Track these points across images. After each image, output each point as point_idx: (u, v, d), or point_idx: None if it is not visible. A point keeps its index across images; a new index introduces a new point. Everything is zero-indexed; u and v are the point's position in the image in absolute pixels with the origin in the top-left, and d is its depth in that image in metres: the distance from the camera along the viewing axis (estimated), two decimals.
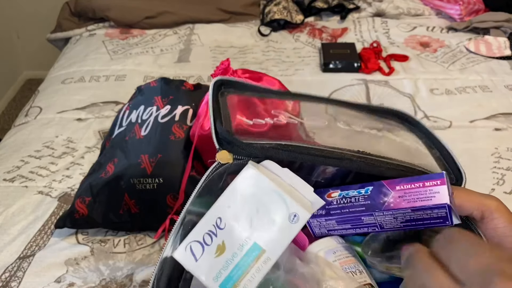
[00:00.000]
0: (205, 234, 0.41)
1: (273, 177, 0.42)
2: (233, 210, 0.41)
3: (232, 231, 0.41)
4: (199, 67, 1.37)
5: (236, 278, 0.40)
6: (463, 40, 1.47)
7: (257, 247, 0.40)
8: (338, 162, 0.44)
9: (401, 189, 0.43)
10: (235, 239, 0.41)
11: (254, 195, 0.41)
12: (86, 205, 0.80)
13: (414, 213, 0.42)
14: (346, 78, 1.30)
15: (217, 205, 0.42)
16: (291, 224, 0.40)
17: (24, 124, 1.16)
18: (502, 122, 1.11)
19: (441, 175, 0.42)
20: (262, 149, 0.43)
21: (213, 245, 0.41)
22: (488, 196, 0.43)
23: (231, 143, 0.43)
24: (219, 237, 0.41)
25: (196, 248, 0.41)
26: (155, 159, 0.79)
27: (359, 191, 0.45)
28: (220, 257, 0.41)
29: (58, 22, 1.70)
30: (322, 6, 1.66)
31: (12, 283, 0.74)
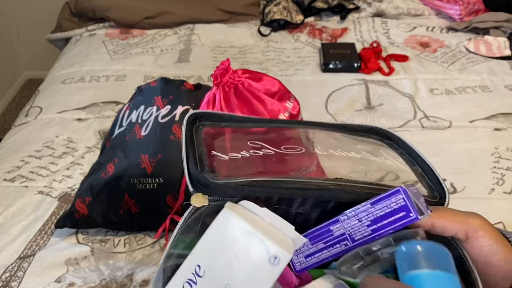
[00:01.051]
0: (185, 283, 0.40)
1: (251, 217, 0.40)
2: (211, 257, 0.40)
3: (212, 279, 0.39)
4: (199, 67, 1.37)
5: None
6: (463, 40, 1.47)
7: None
8: (316, 193, 0.43)
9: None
10: (215, 286, 0.39)
11: (232, 239, 0.39)
12: (86, 205, 0.80)
13: (374, 208, 0.41)
14: (346, 78, 1.30)
15: (195, 251, 0.40)
16: (272, 266, 0.38)
17: (24, 124, 1.16)
18: (502, 122, 1.11)
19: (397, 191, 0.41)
20: (237, 188, 0.42)
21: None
22: (472, 214, 0.42)
23: (205, 185, 0.42)
24: (199, 285, 0.39)
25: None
26: (155, 159, 0.79)
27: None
28: None
29: (58, 22, 1.71)
30: (322, 6, 1.66)
31: (13, 283, 0.75)
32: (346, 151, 0.52)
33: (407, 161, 0.51)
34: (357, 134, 0.55)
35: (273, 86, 0.80)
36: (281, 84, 0.81)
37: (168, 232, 0.80)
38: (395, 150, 0.53)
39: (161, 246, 0.80)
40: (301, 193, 0.44)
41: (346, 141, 0.55)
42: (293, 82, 1.28)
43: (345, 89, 1.25)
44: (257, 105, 0.75)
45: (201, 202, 0.42)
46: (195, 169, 0.43)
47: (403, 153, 0.52)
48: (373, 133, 0.55)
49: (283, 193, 0.43)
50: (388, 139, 0.55)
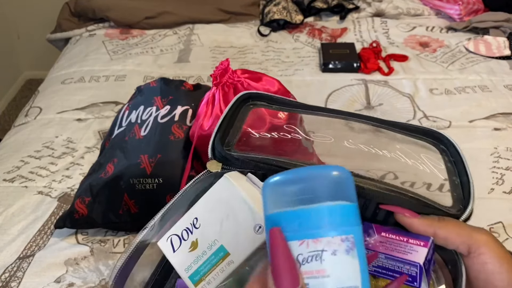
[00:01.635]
0: (183, 230, 0.47)
1: (249, 188, 0.45)
2: (207, 213, 0.46)
3: (204, 231, 0.45)
4: (199, 67, 1.37)
5: (203, 273, 0.45)
6: (463, 40, 1.47)
7: (223, 249, 0.44)
8: None
9: (385, 236, 0.43)
10: (206, 238, 0.45)
11: (227, 202, 0.44)
12: (86, 205, 0.80)
13: (387, 261, 0.42)
14: (345, 78, 1.30)
15: (196, 206, 0.46)
16: (256, 234, 0.43)
17: (24, 124, 1.16)
18: (501, 122, 1.11)
19: (427, 239, 0.41)
20: (245, 162, 0.47)
21: (188, 241, 0.46)
22: (479, 230, 0.41)
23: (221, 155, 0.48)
24: (194, 234, 0.46)
25: (175, 241, 0.47)
26: (155, 159, 0.79)
27: None
28: (193, 252, 0.46)
29: (58, 22, 1.71)
30: (321, 6, 1.66)
31: (12, 283, 0.75)
32: (377, 148, 0.51)
33: (449, 171, 0.50)
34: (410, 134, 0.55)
35: (272, 86, 0.80)
36: (280, 84, 0.81)
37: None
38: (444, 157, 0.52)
39: None
40: None
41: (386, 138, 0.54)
42: (292, 82, 1.28)
43: (345, 89, 1.25)
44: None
45: (214, 168, 0.49)
46: (218, 140, 0.49)
47: (450, 162, 0.51)
48: (429, 136, 0.55)
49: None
50: (444, 145, 0.54)
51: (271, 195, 0.34)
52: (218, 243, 0.45)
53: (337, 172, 0.33)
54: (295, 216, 0.32)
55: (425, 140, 0.55)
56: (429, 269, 0.41)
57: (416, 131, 0.55)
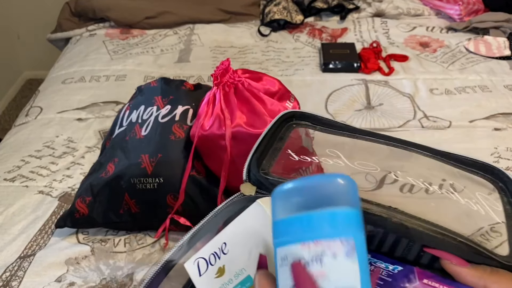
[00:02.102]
0: (211, 255, 0.45)
1: None
2: (237, 239, 0.44)
3: (233, 258, 0.43)
4: (199, 67, 1.37)
5: None
6: (463, 40, 1.47)
7: (250, 279, 0.42)
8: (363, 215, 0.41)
9: (427, 283, 0.39)
10: (234, 266, 0.43)
11: (258, 230, 0.42)
12: (87, 205, 0.80)
13: None
14: (345, 78, 1.30)
15: (225, 230, 0.45)
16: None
17: (25, 124, 1.16)
18: (501, 122, 1.11)
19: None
20: None
21: (215, 266, 0.44)
22: None
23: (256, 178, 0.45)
24: (221, 260, 0.44)
25: (202, 265, 0.45)
26: (155, 159, 0.80)
27: (387, 266, 0.41)
28: (219, 279, 0.44)
29: (58, 22, 1.71)
30: (322, 6, 1.66)
31: (13, 282, 0.75)
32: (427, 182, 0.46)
33: (507, 214, 0.45)
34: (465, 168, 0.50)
35: (273, 86, 0.80)
36: (281, 84, 0.81)
37: (168, 231, 0.80)
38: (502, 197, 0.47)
39: (161, 245, 0.80)
40: None
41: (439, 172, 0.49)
42: (293, 82, 1.28)
43: (345, 89, 1.25)
44: (257, 105, 0.75)
45: (248, 191, 0.46)
46: (255, 162, 0.46)
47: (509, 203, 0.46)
48: (487, 172, 0.50)
49: None
50: (504, 183, 0.49)
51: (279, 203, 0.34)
52: (245, 273, 0.43)
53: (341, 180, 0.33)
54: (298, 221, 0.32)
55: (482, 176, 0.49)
56: None
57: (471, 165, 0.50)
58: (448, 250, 0.39)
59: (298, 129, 0.53)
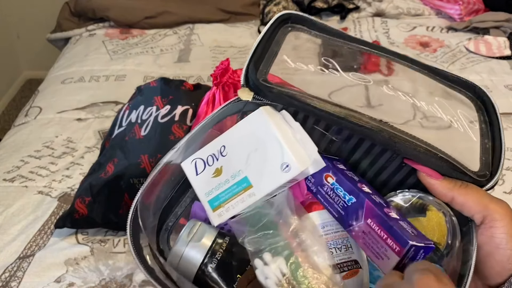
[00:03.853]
0: (209, 156, 0.47)
1: (282, 126, 0.45)
2: (236, 143, 0.46)
3: (231, 160, 0.46)
4: (199, 67, 1.37)
5: (222, 200, 0.46)
6: (463, 40, 1.47)
7: (246, 180, 0.45)
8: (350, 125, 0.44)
9: (369, 224, 0.42)
10: (231, 167, 0.46)
11: (258, 136, 0.45)
12: (86, 205, 0.80)
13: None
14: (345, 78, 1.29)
15: (226, 134, 0.47)
16: (282, 172, 0.43)
17: (24, 124, 1.16)
18: None
19: (405, 244, 0.39)
20: (278, 95, 0.45)
21: (213, 167, 0.47)
22: (498, 202, 0.40)
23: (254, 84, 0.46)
24: (219, 161, 0.47)
25: (200, 165, 0.48)
26: (155, 159, 0.79)
27: (345, 195, 0.45)
28: (216, 179, 0.46)
29: (58, 22, 1.71)
30: (322, 6, 1.66)
31: (12, 283, 0.75)
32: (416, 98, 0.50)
33: (482, 132, 0.48)
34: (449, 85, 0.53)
35: None
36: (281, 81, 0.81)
37: None
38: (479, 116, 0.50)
39: None
40: (336, 121, 0.44)
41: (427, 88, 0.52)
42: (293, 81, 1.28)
43: (345, 89, 1.25)
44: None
45: (245, 96, 0.47)
46: (253, 67, 0.46)
47: (484, 122, 0.50)
48: (469, 90, 0.52)
49: (317, 114, 0.45)
50: (482, 102, 0.52)
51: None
52: (242, 174, 0.45)
53: None
54: None
55: (464, 93, 0.52)
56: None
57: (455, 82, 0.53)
58: (428, 165, 0.42)
59: (293, 32, 0.53)
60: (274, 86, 0.46)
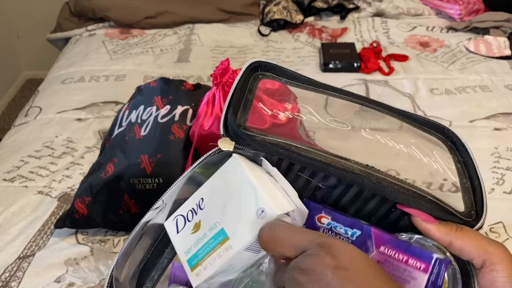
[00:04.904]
0: (189, 211, 0.45)
1: (258, 171, 0.43)
2: (213, 194, 0.44)
3: (208, 213, 0.43)
4: (199, 67, 1.37)
5: (200, 257, 0.42)
6: (463, 40, 1.47)
7: (223, 232, 0.41)
8: (338, 172, 0.42)
9: (383, 252, 0.40)
10: (209, 220, 0.43)
11: (234, 182, 0.42)
12: (86, 205, 0.80)
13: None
14: (346, 78, 1.30)
15: (203, 186, 0.45)
16: (257, 218, 0.40)
17: (24, 124, 1.16)
18: (501, 122, 1.11)
19: (430, 259, 0.38)
20: (261, 143, 0.43)
21: (192, 222, 0.44)
22: (495, 244, 0.40)
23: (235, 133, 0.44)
24: (198, 215, 0.44)
25: (180, 222, 0.45)
26: (155, 159, 0.79)
27: (347, 230, 0.42)
28: (194, 234, 0.43)
29: (58, 22, 1.70)
30: (322, 6, 1.66)
31: (12, 283, 0.75)
32: (394, 141, 0.49)
33: (459, 171, 0.48)
34: (420, 127, 0.53)
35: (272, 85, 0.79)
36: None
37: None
38: (453, 156, 0.50)
39: None
40: (323, 168, 0.43)
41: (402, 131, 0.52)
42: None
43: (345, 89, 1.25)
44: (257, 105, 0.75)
45: (226, 147, 0.44)
46: (232, 115, 0.45)
47: (459, 162, 0.50)
48: (439, 132, 0.53)
49: (303, 161, 0.43)
50: (452, 143, 0.52)
51: None
52: (219, 226, 0.42)
53: None
54: None
55: (434, 135, 0.53)
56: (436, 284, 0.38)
57: (425, 124, 0.53)
58: (419, 208, 0.42)
59: (265, 80, 0.53)
60: (256, 134, 0.44)
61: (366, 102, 0.55)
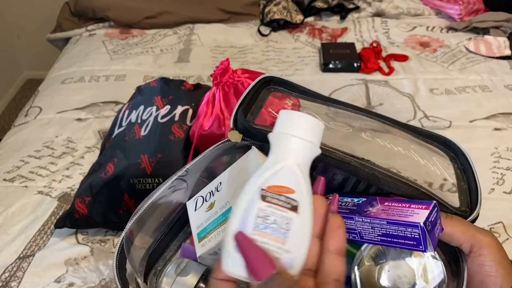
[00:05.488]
0: (208, 193, 0.50)
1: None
2: (230, 179, 0.49)
3: (222, 194, 0.48)
4: (199, 67, 1.37)
5: (208, 231, 0.47)
6: (463, 40, 1.47)
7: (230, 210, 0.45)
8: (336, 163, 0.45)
9: (388, 204, 0.43)
10: (221, 200, 0.48)
11: (247, 171, 0.47)
12: (86, 205, 0.80)
13: (389, 226, 0.41)
14: (346, 78, 1.30)
15: (224, 173, 0.50)
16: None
17: (24, 124, 1.16)
18: (501, 122, 1.11)
19: (430, 203, 0.41)
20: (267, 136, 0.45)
21: (208, 202, 0.49)
22: (483, 231, 0.42)
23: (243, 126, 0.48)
24: (214, 197, 0.49)
25: (199, 202, 0.51)
26: (155, 159, 0.79)
27: (353, 199, 0.46)
28: (208, 212, 0.49)
29: (58, 22, 1.70)
30: (322, 6, 1.66)
31: (12, 283, 0.75)
32: (393, 144, 0.52)
33: (457, 176, 0.51)
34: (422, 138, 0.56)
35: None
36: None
37: None
38: (453, 164, 0.53)
39: None
40: (322, 159, 0.45)
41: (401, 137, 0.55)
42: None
43: (345, 89, 1.25)
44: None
45: (235, 138, 0.49)
46: (241, 112, 0.49)
47: (459, 169, 0.53)
48: (441, 143, 0.56)
49: None
50: (454, 153, 0.55)
51: None
52: (228, 205, 0.46)
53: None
54: None
55: (436, 146, 0.55)
56: (433, 231, 0.40)
57: (428, 136, 0.56)
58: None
59: (275, 93, 0.57)
60: (262, 128, 0.48)
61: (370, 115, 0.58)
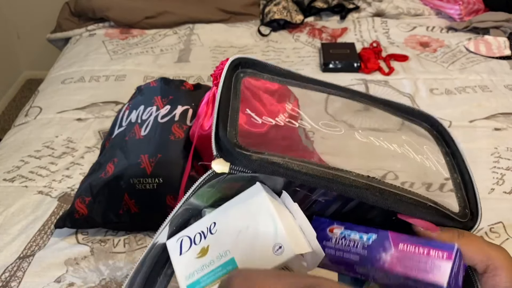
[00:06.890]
0: (197, 233, 0.42)
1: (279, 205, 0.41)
2: (228, 220, 0.41)
3: (219, 239, 0.40)
4: (199, 67, 1.37)
5: (203, 285, 0.39)
6: (463, 40, 1.47)
7: (233, 262, 0.38)
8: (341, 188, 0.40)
9: (403, 249, 0.40)
10: (219, 247, 0.40)
11: (252, 212, 0.40)
12: (86, 205, 0.80)
13: (407, 281, 0.39)
14: (346, 78, 1.30)
15: (218, 210, 0.42)
16: (274, 254, 0.37)
17: (24, 124, 1.16)
18: (501, 122, 1.11)
19: (451, 247, 0.38)
20: (261, 164, 0.40)
21: (199, 246, 0.41)
22: (497, 249, 0.41)
23: (229, 152, 0.40)
24: (207, 240, 0.41)
25: (185, 243, 0.42)
26: (155, 159, 0.79)
27: (362, 236, 0.42)
28: (200, 259, 0.40)
29: (58, 22, 1.70)
30: (322, 6, 1.66)
31: (12, 283, 0.75)
32: (388, 141, 0.48)
33: (449, 165, 0.48)
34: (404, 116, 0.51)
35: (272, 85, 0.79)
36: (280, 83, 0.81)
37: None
38: (441, 148, 0.49)
39: None
40: (325, 184, 0.40)
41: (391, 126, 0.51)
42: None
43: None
44: (257, 105, 0.75)
45: (221, 169, 0.40)
46: (224, 131, 0.41)
47: (447, 154, 0.49)
48: (423, 120, 0.51)
49: (305, 180, 0.40)
50: (438, 132, 0.50)
51: None
52: (229, 255, 0.39)
53: None
54: None
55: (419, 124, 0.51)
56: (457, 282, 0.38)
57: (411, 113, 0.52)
58: (421, 217, 0.41)
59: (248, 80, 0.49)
60: (252, 153, 0.40)
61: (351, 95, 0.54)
